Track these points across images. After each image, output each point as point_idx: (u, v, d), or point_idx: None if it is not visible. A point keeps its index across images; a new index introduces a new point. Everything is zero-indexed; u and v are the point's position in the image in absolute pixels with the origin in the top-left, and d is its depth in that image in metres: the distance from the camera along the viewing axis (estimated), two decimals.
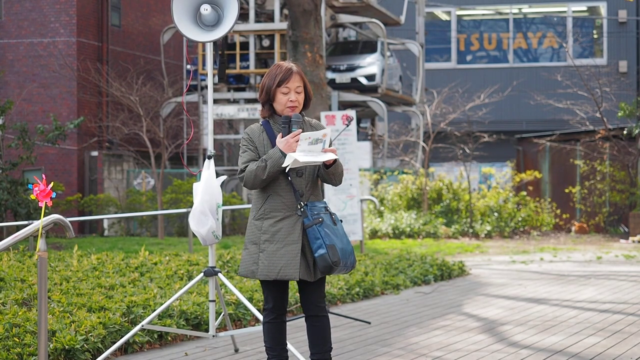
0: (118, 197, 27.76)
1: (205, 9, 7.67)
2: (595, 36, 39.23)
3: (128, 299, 8.98)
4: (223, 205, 10.69)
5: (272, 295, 6.38)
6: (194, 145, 29.52)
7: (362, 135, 32.38)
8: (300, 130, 6.26)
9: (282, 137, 6.26)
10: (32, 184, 6.35)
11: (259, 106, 28.00)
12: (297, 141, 6.18)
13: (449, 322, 10.03)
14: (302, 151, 6.15)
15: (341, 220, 6.44)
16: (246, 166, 6.27)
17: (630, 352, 8.15)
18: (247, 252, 6.35)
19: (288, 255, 6.22)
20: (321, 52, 17.93)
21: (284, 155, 6.16)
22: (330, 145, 6.35)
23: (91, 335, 7.80)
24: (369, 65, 29.45)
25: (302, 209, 6.25)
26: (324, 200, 6.53)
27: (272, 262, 6.24)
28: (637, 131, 24.03)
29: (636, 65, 38.00)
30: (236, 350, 8.36)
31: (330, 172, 6.29)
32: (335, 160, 6.26)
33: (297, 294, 10.38)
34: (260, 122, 6.45)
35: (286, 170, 6.22)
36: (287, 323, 8.04)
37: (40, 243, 6.27)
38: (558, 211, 26.17)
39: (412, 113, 31.62)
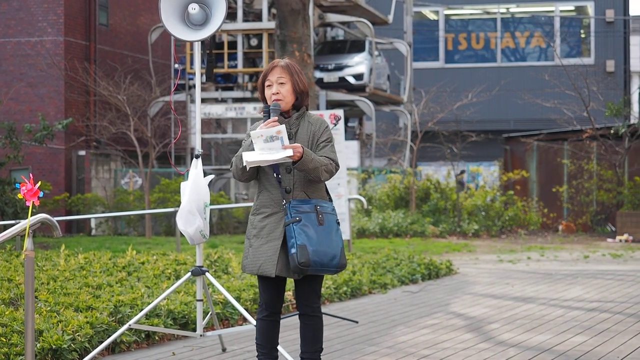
0: (105, 197, 27.71)
1: (193, 8, 7.66)
2: (583, 36, 39.32)
3: (115, 298, 8.96)
4: (211, 204, 10.68)
5: (265, 292, 6.39)
6: (181, 145, 29.48)
7: (350, 135, 32.37)
8: (276, 117, 6.23)
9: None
10: (20, 183, 6.33)
11: (247, 105, 28.03)
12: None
13: (437, 321, 10.05)
14: (260, 149, 6.13)
15: (338, 222, 6.35)
16: None
17: (616, 351, 8.17)
18: (245, 246, 6.40)
19: (269, 251, 6.24)
20: (309, 51, 17.94)
21: None
22: (322, 142, 6.30)
23: (78, 335, 7.78)
24: (357, 64, 29.45)
25: (284, 206, 6.24)
26: (326, 199, 6.39)
27: (256, 257, 6.28)
28: (623, 130, 24.10)
29: (623, 65, 38.10)
30: (224, 350, 8.36)
31: (298, 169, 6.19)
32: (302, 157, 6.14)
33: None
34: (263, 119, 6.45)
35: (247, 169, 6.22)
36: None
37: (28, 242, 6.26)
38: (545, 210, 26.22)
39: (400, 112, 31.63)
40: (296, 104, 6.39)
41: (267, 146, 6.12)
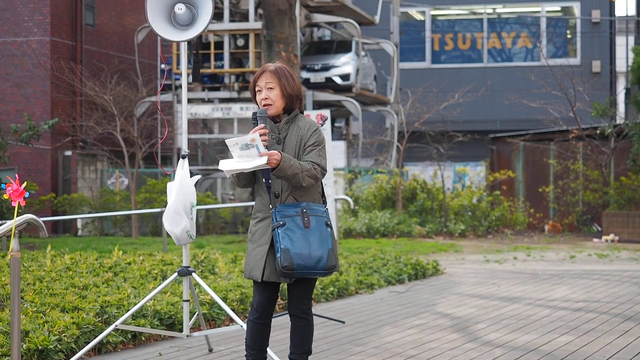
0: (92, 197, 27.64)
1: (180, 9, 7.65)
2: (569, 36, 39.42)
3: (102, 299, 8.94)
4: (197, 204, 10.67)
5: (258, 294, 6.37)
6: (168, 145, 29.43)
7: (336, 135, 32.39)
8: (263, 125, 6.22)
9: None
10: (5, 184, 6.32)
11: (233, 105, 28.01)
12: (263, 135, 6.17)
13: (423, 321, 10.05)
14: (238, 157, 6.14)
15: (329, 225, 6.28)
16: None
17: (602, 351, 8.19)
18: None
19: (257, 256, 6.26)
20: (296, 52, 17.92)
21: None
22: (309, 146, 6.27)
23: (64, 336, 7.76)
24: (344, 64, 29.47)
25: (271, 211, 6.24)
26: (319, 202, 6.35)
27: (248, 261, 6.32)
28: (609, 130, 24.17)
29: (609, 65, 38.21)
30: (210, 350, 8.35)
31: (276, 176, 6.16)
32: (279, 164, 6.09)
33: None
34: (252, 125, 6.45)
35: (227, 176, 6.25)
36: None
37: (14, 243, 6.24)
38: (532, 210, 26.27)
39: (386, 112, 31.66)
40: (287, 108, 6.35)
41: (244, 154, 6.11)
